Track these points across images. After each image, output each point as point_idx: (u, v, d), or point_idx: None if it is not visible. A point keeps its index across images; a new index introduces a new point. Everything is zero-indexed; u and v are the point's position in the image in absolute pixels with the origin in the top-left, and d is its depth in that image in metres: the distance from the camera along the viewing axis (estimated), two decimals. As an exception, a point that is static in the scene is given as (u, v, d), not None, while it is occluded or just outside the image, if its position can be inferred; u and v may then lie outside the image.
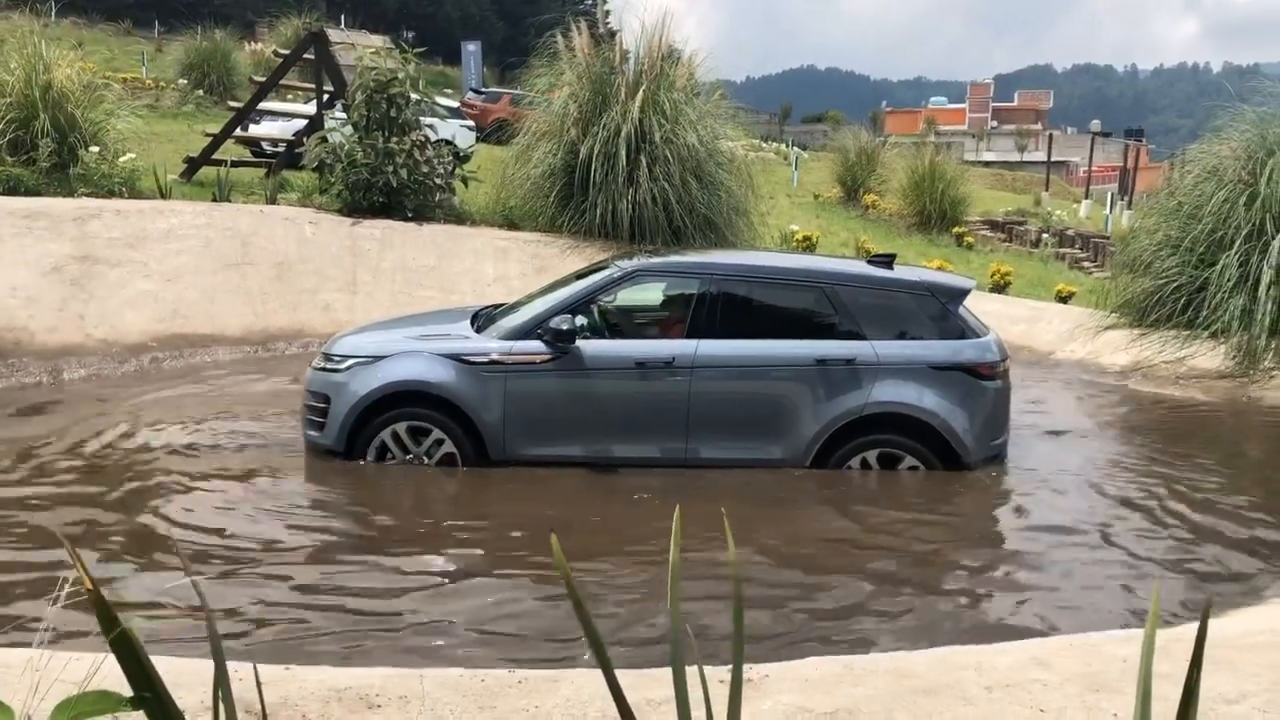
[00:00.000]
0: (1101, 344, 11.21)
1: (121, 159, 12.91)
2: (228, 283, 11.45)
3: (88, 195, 12.07)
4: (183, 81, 27.37)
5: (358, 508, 6.09)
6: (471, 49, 40.46)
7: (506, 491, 6.39)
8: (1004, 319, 12.56)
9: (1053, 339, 11.97)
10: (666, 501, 5.76)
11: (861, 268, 7.13)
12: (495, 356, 6.58)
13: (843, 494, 6.37)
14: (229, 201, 13.19)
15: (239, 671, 2.49)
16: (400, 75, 13.56)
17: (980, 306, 13.08)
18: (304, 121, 16.60)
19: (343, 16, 42.34)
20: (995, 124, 68.28)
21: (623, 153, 12.75)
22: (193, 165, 15.32)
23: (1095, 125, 43.13)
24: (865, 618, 4.61)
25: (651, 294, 7.27)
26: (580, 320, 6.72)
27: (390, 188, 13.16)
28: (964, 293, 6.82)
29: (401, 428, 6.62)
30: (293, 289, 11.82)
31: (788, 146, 36.09)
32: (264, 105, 17.29)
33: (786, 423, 6.51)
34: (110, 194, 12.30)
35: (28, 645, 2.99)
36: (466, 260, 12.96)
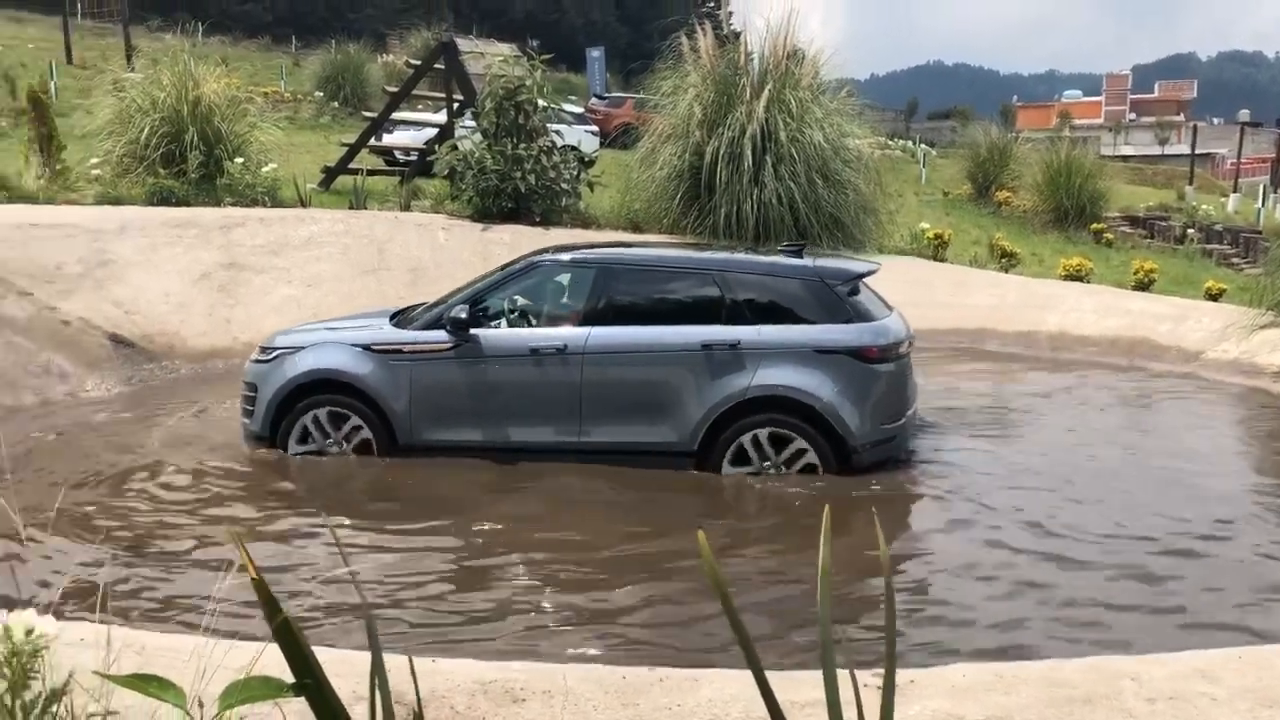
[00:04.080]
0: (1257, 343, 10.63)
1: (264, 169, 13.47)
2: (365, 288, 11.80)
3: (233, 205, 12.64)
4: (319, 94, 28.36)
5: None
6: (595, 55, 40.85)
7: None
8: (1148, 317, 12.06)
9: (1202, 338, 11.40)
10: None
11: (750, 256, 7.23)
12: (399, 345, 6.85)
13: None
14: (365, 209, 13.62)
15: (389, 662, 2.54)
16: (528, 82, 13.78)
17: (1122, 304, 12.62)
18: (434, 130, 17.02)
19: (475, 27, 43.29)
20: (1133, 116, 65.67)
21: (748, 153, 12.70)
22: (330, 174, 15.87)
23: (1244, 115, 40.98)
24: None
25: (575, 285, 7.35)
26: (506, 307, 6.97)
27: (519, 193, 13.37)
28: (855, 277, 6.85)
29: (321, 414, 6.89)
30: (427, 294, 12.06)
31: (915, 144, 35.38)
32: (396, 115, 17.79)
33: (674, 406, 6.57)
34: (254, 203, 12.84)
35: (192, 633, 3.13)
36: (593, 263, 13.07)
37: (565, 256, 7.39)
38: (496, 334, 6.85)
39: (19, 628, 2.10)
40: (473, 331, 6.73)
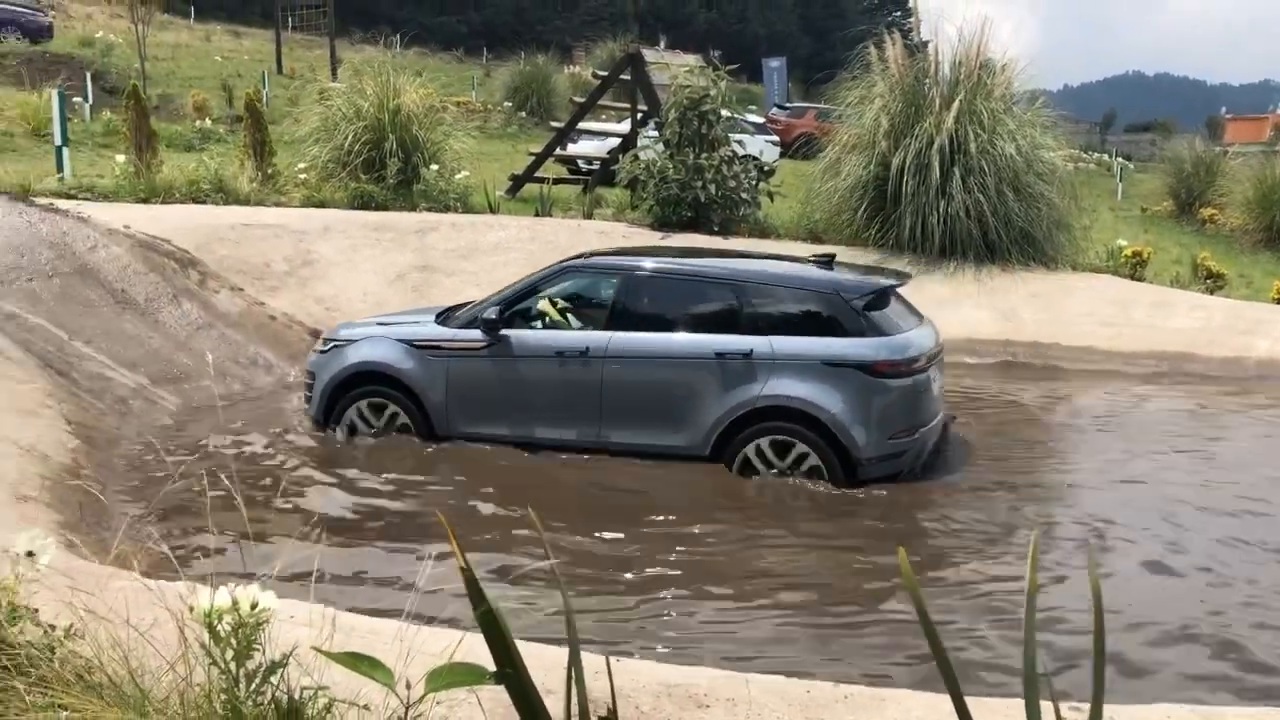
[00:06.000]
0: None
1: (457, 176, 13.99)
2: (547, 292, 12.10)
3: (428, 210, 13.18)
4: (508, 104, 29.28)
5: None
6: (775, 65, 40.72)
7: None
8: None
9: None
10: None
11: (771, 267, 7.45)
12: (439, 342, 7.29)
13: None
14: (550, 216, 13.96)
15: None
16: (712, 93, 13.84)
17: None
18: (617, 140, 17.29)
19: (660, 38, 43.92)
20: (1361, 129, 60.73)
21: (936, 164, 12.38)
22: (517, 182, 16.33)
23: None
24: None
25: (603, 290, 7.48)
26: (538, 308, 7.25)
27: (699, 202, 13.43)
28: (874, 291, 6.86)
29: (364, 404, 7.42)
30: (605, 299, 12.31)
31: (1111, 157, 33.82)
32: (579, 125, 18.15)
33: (688, 411, 6.76)
34: (446, 209, 13.36)
35: (393, 617, 3.27)
36: (771, 274, 13.01)
37: (594, 262, 7.74)
38: (524, 334, 7.18)
39: (245, 601, 2.25)
40: (503, 332, 7.11)
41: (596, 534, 5.75)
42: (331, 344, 7.68)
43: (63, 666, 2.29)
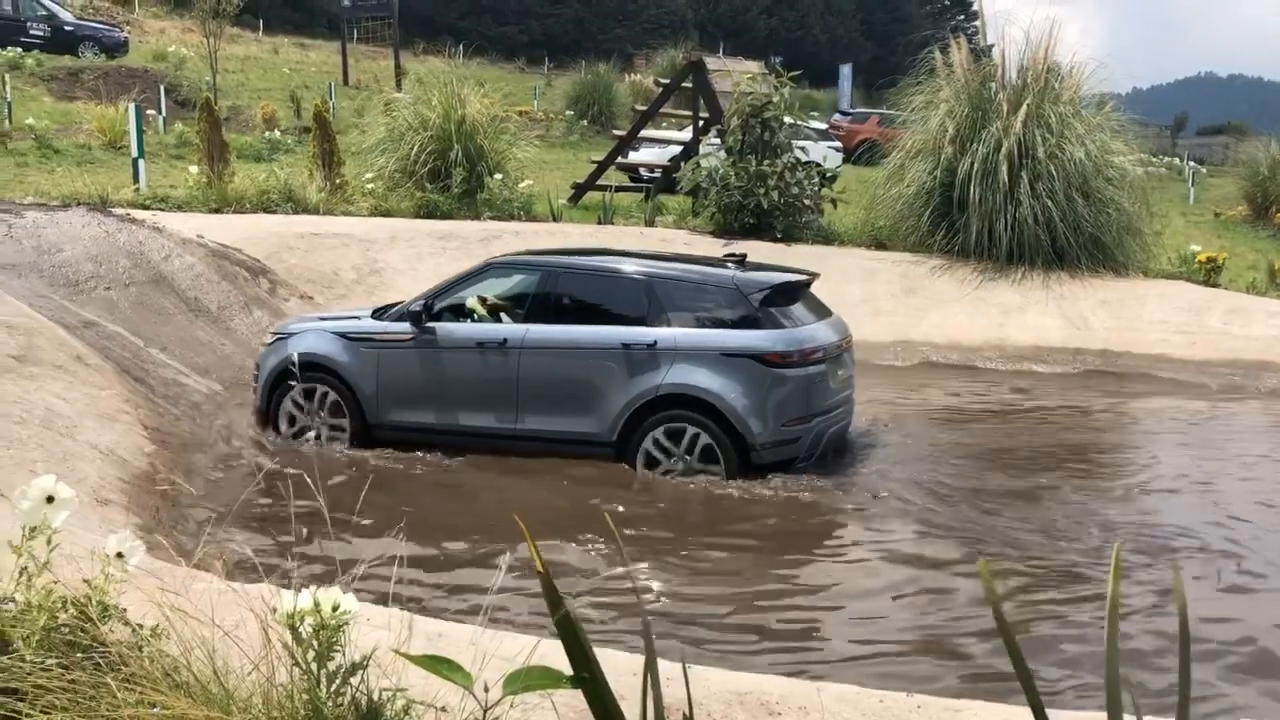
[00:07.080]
0: None
1: (521, 185, 14.11)
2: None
3: (492, 218, 13.33)
4: (569, 113, 29.46)
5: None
6: (846, 71, 40.63)
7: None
8: None
9: None
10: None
11: (678, 265, 7.65)
12: (370, 334, 7.62)
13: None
14: (611, 224, 14.03)
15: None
16: (775, 100, 13.80)
17: None
18: (678, 148, 17.32)
19: (721, 45, 43.92)
20: None
21: (1003, 170, 12.22)
22: (579, 190, 16.44)
23: None
24: None
25: (522, 286, 7.79)
26: (471, 304, 7.55)
27: (761, 209, 13.39)
28: (770, 286, 7.14)
29: (300, 393, 7.64)
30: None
31: (1182, 161, 33.13)
32: (641, 133, 18.21)
33: (596, 400, 7.05)
34: (510, 217, 13.50)
35: (467, 621, 3.31)
36: (832, 280, 12.87)
37: (514, 260, 8.11)
38: (449, 327, 7.49)
39: (327, 604, 2.30)
40: (429, 324, 7.42)
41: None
42: (276, 337, 8.02)
43: (151, 664, 2.36)
